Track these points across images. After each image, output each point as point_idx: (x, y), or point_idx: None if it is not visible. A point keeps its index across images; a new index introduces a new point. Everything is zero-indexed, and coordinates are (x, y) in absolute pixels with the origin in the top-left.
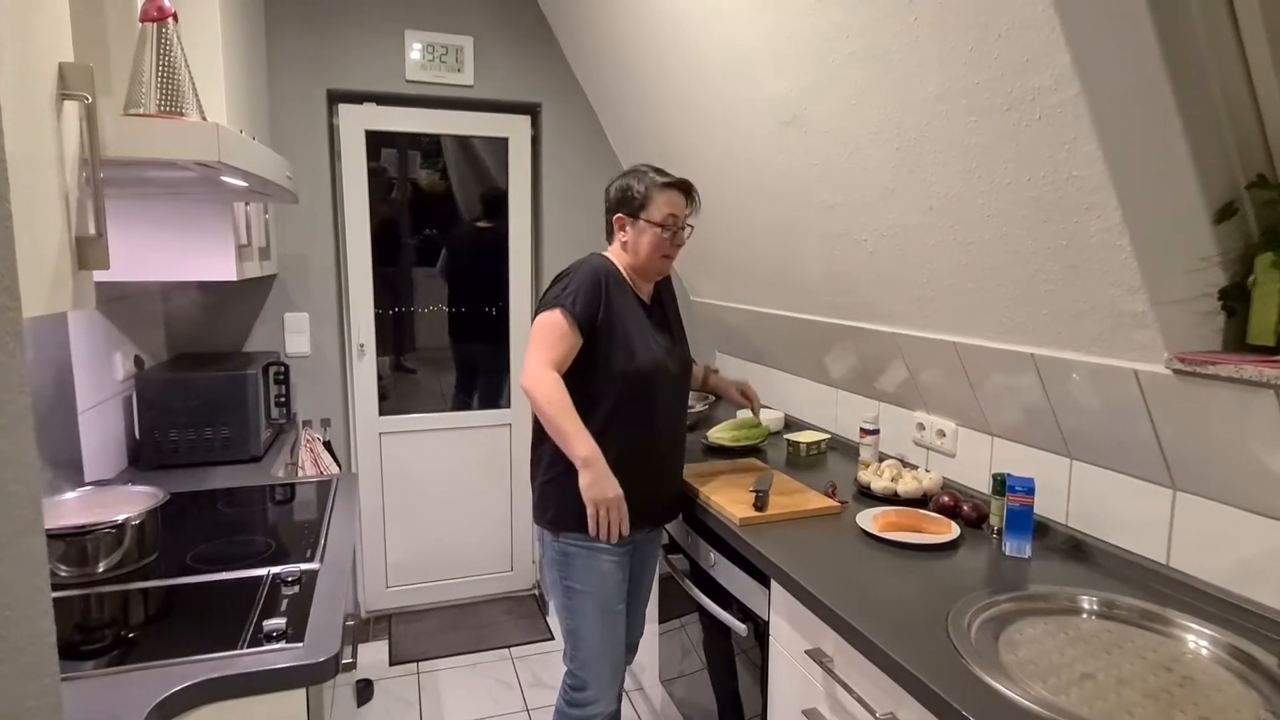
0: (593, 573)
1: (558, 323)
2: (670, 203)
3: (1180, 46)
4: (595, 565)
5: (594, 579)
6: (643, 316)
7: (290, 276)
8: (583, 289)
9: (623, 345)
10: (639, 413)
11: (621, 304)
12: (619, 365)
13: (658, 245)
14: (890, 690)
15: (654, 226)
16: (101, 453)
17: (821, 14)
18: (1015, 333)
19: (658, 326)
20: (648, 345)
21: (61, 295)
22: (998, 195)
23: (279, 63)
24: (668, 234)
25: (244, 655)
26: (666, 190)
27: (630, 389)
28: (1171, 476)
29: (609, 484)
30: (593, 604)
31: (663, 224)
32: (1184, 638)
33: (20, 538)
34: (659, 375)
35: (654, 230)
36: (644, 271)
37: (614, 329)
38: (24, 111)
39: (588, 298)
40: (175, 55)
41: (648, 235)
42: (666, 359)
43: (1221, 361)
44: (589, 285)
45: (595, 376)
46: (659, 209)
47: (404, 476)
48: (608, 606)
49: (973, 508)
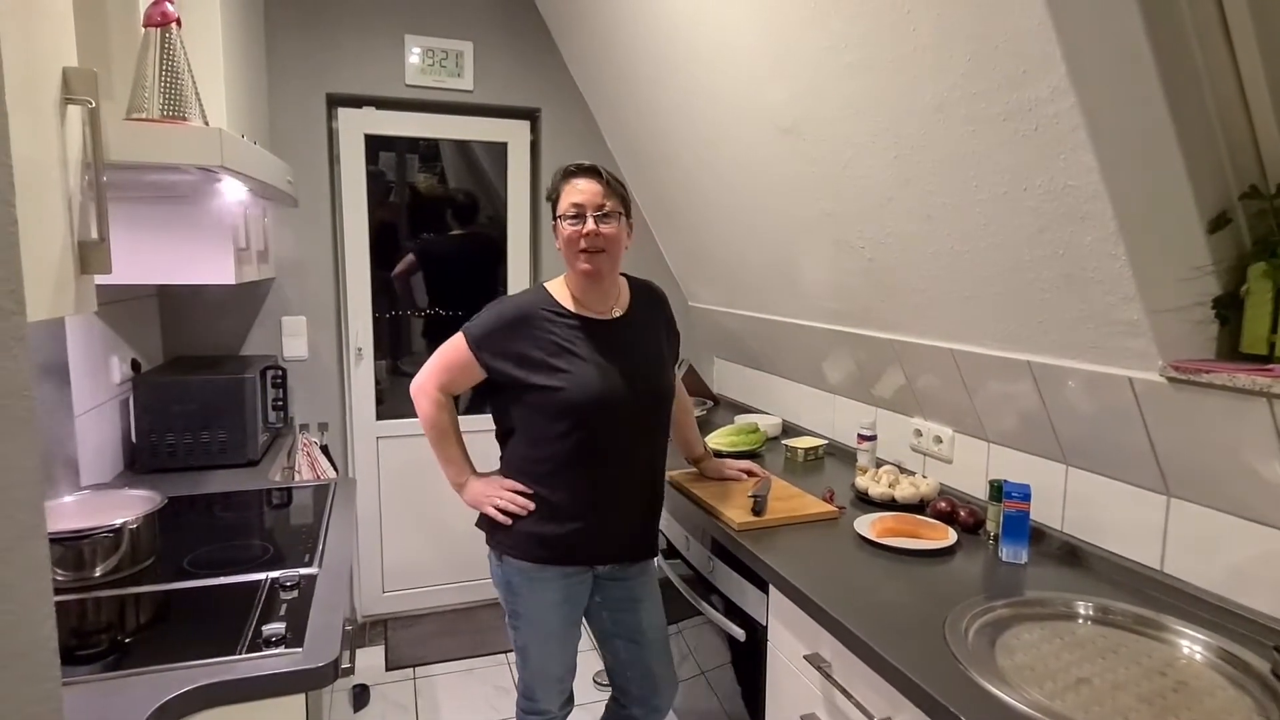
0: (537, 602)
1: (459, 349)
2: (574, 191)
3: (1175, 59)
4: (540, 594)
5: (539, 608)
6: (589, 340)
7: (288, 280)
8: (496, 328)
9: (551, 376)
10: (588, 447)
11: (550, 335)
12: (551, 397)
13: (569, 241)
14: (888, 695)
15: (565, 223)
16: (98, 456)
17: (821, 24)
18: (1011, 340)
19: (614, 347)
20: (588, 374)
21: (64, 299)
22: (994, 204)
23: (279, 66)
24: (576, 224)
25: (243, 660)
26: (569, 179)
27: (567, 420)
28: (1166, 483)
29: (484, 485)
30: (537, 631)
31: (564, 214)
32: (1178, 643)
33: (23, 542)
34: (603, 403)
35: (565, 227)
36: (577, 279)
37: (538, 364)
38: (28, 116)
39: (498, 337)
40: (178, 60)
41: (561, 234)
42: (614, 384)
43: (1215, 369)
44: (502, 325)
45: (521, 412)
46: (564, 201)
47: (401, 481)
48: (553, 634)
49: (969, 513)
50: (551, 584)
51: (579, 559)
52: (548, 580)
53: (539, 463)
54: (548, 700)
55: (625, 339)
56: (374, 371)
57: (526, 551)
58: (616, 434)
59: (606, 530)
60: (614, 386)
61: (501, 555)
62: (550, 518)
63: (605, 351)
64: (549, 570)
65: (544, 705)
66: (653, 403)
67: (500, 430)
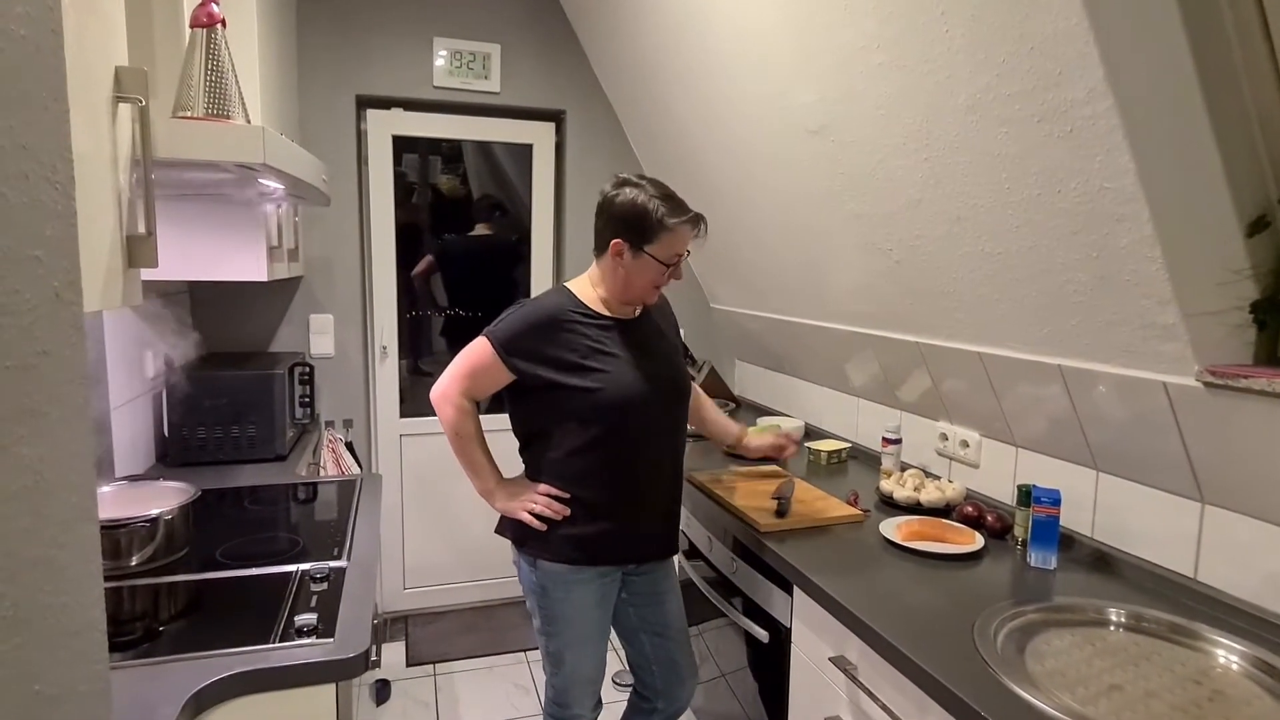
0: (572, 604)
1: (485, 354)
2: (680, 240)
3: (1214, 59)
4: (574, 597)
5: (573, 610)
6: (615, 340)
7: (316, 278)
8: (522, 332)
9: (584, 378)
10: (611, 447)
11: (578, 338)
12: (584, 399)
13: (656, 281)
14: (916, 699)
15: (658, 264)
16: (132, 449)
17: (853, 24)
18: (1042, 344)
19: (636, 347)
20: (618, 374)
21: (113, 292)
22: (1028, 206)
23: (309, 68)
24: (668, 270)
25: (277, 649)
26: (680, 228)
27: (601, 421)
28: (1200, 490)
29: (516, 490)
30: (573, 634)
31: (667, 262)
32: (1213, 652)
33: (78, 524)
34: (633, 403)
35: (656, 267)
36: (629, 300)
37: (570, 366)
38: (83, 113)
39: (524, 342)
40: (223, 60)
41: (650, 272)
42: (642, 384)
43: (1253, 375)
44: (528, 329)
45: (553, 414)
46: (667, 246)
47: (423, 478)
48: (588, 636)
49: (997, 518)
50: (588, 585)
51: (614, 558)
52: (585, 582)
53: (572, 464)
54: (580, 705)
55: (647, 338)
56: (398, 370)
57: (563, 554)
58: (647, 431)
59: (639, 528)
60: (644, 384)
61: (535, 560)
62: (585, 518)
63: (633, 351)
64: (585, 572)
65: (577, 710)
66: (676, 398)
67: (525, 433)
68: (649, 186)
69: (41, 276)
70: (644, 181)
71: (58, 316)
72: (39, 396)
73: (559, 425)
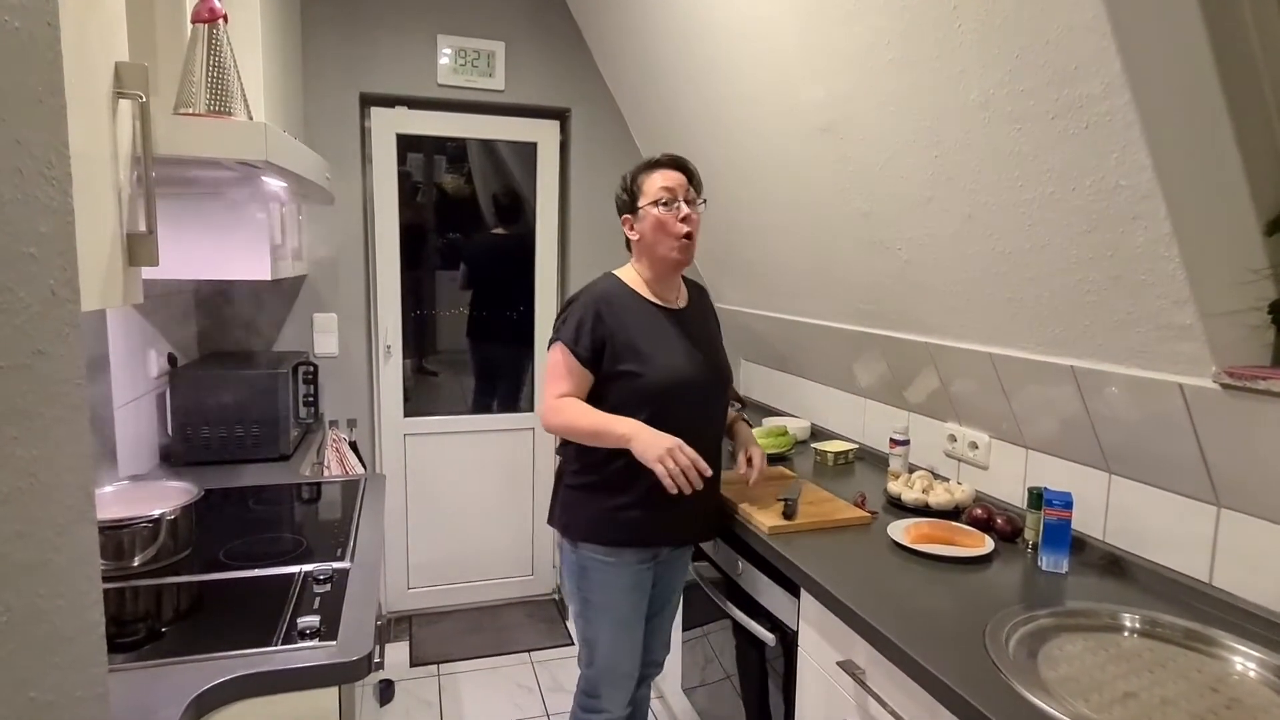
0: (611, 587)
1: (561, 360)
2: (662, 178)
3: (1233, 54)
4: (613, 580)
5: (612, 593)
6: (666, 326)
7: (320, 277)
8: (583, 320)
9: (637, 362)
10: (668, 430)
11: (632, 321)
12: (636, 383)
13: (661, 224)
14: (925, 703)
15: (652, 207)
16: (135, 448)
17: (862, 20)
18: (1054, 344)
19: (685, 334)
20: (670, 358)
21: (113, 290)
22: (1041, 204)
23: (314, 65)
24: (670, 209)
25: (279, 652)
26: (654, 170)
27: (651, 405)
28: (1216, 493)
29: (658, 438)
30: (609, 617)
31: (658, 200)
32: (1230, 658)
33: (74, 527)
34: (684, 388)
35: (655, 213)
36: (662, 267)
37: (625, 349)
38: (82, 109)
39: (588, 329)
40: (225, 56)
41: (649, 220)
42: (692, 369)
43: (1272, 377)
44: (589, 315)
45: (613, 396)
46: (651, 189)
47: (427, 478)
48: (625, 621)
49: (1006, 521)
50: (626, 569)
51: (654, 542)
52: (623, 565)
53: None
54: (611, 699)
55: (692, 325)
56: (402, 369)
57: (606, 536)
58: (692, 416)
59: (680, 513)
60: (692, 371)
61: (576, 542)
62: (632, 502)
63: (681, 337)
64: (625, 554)
65: (606, 704)
66: (719, 387)
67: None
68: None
69: (37, 274)
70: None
71: (54, 315)
72: (34, 397)
73: (608, 407)
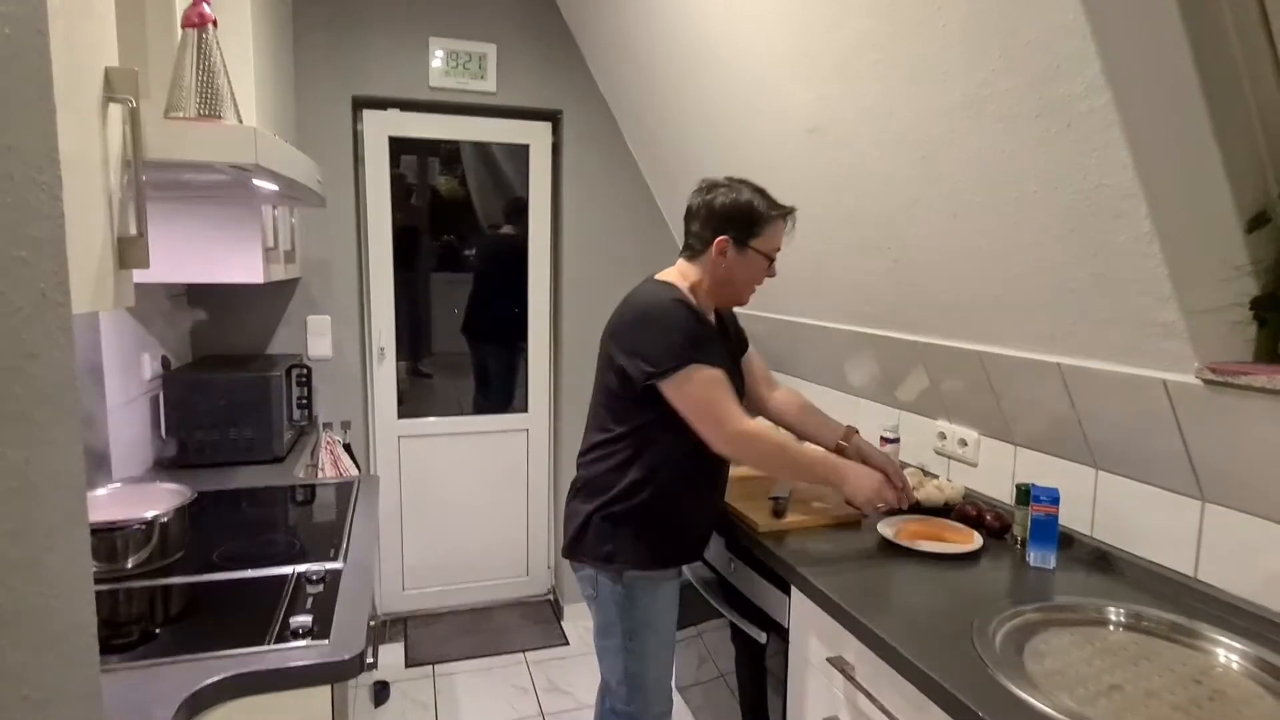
0: (659, 606)
1: (717, 376)
2: (779, 233)
3: (1212, 53)
4: (661, 598)
5: (660, 613)
6: (719, 343)
7: (313, 280)
8: (696, 335)
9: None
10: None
11: (707, 335)
12: None
13: (758, 278)
14: (913, 699)
15: (762, 258)
16: (129, 451)
17: (848, 22)
18: (1041, 342)
19: (728, 351)
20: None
21: (104, 293)
22: (1025, 203)
23: (306, 69)
24: (770, 268)
25: (271, 651)
26: (778, 221)
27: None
28: (1200, 488)
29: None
30: (657, 640)
31: (771, 256)
32: (1214, 651)
33: (67, 527)
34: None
35: (760, 262)
36: (720, 298)
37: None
38: (72, 113)
39: (703, 338)
40: (215, 60)
41: (754, 267)
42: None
43: (1254, 372)
44: (696, 327)
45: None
46: (771, 240)
47: (422, 480)
48: (669, 641)
49: (996, 517)
50: (669, 585)
51: (697, 555)
52: (667, 581)
53: (688, 464)
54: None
55: (729, 339)
56: (395, 371)
57: (659, 558)
58: None
59: (711, 526)
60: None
61: (622, 571)
62: (682, 519)
63: (726, 354)
64: (669, 571)
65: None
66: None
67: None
68: (745, 185)
69: (28, 278)
70: (736, 181)
71: (45, 318)
72: (26, 399)
73: (671, 421)
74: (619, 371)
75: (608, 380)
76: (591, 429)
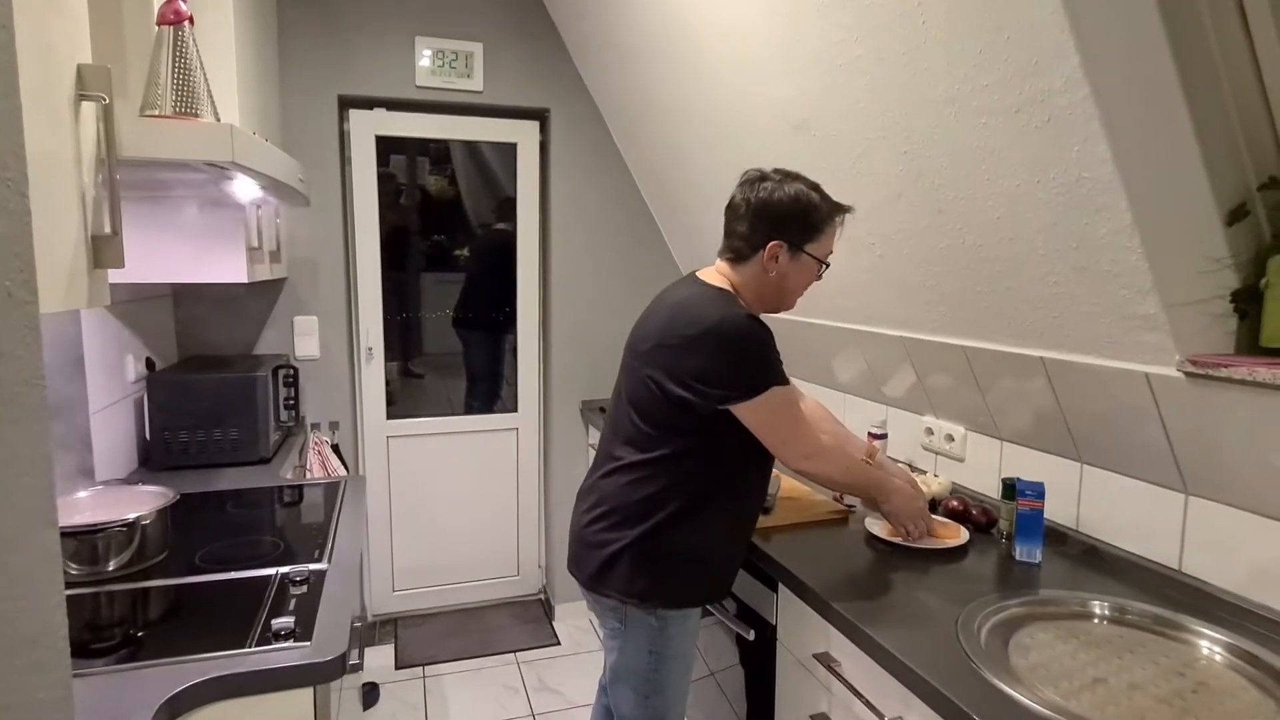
0: (685, 636)
1: (793, 396)
2: (834, 235)
3: (1190, 47)
4: (687, 627)
5: (687, 641)
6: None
7: (300, 280)
8: (775, 353)
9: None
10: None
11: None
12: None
13: (808, 284)
14: (899, 694)
15: (815, 263)
16: (112, 453)
17: (830, 18)
18: (1025, 336)
19: None
20: None
21: (77, 292)
22: (1007, 198)
23: (291, 68)
24: (820, 273)
25: (252, 654)
26: (840, 217)
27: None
28: (1183, 480)
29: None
30: (681, 666)
31: (824, 260)
32: (1197, 643)
33: (34, 530)
34: None
35: (813, 267)
36: (770, 308)
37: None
38: (43, 112)
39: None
40: (191, 58)
41: (806, 274)
42: None
43: (1234, 364)
44: (773, 345)
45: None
46: (826, 244)
47: (411, 480)
48: (690, 668)
49: (982, 512)
50: (694, 616)
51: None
52: (694, 614)
53: (718, 493)
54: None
55: None
56: (384, 372)
57: (700, 594)
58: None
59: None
60: None
61: (656, 608)
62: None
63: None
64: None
65: None
66: None
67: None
68: (799, 180)
69: None
70: (789, 175)
71: (10, 317)
72: None
73: (742, 451)
74: (671, 392)
75: (644, 394)
76: (616, 442)
